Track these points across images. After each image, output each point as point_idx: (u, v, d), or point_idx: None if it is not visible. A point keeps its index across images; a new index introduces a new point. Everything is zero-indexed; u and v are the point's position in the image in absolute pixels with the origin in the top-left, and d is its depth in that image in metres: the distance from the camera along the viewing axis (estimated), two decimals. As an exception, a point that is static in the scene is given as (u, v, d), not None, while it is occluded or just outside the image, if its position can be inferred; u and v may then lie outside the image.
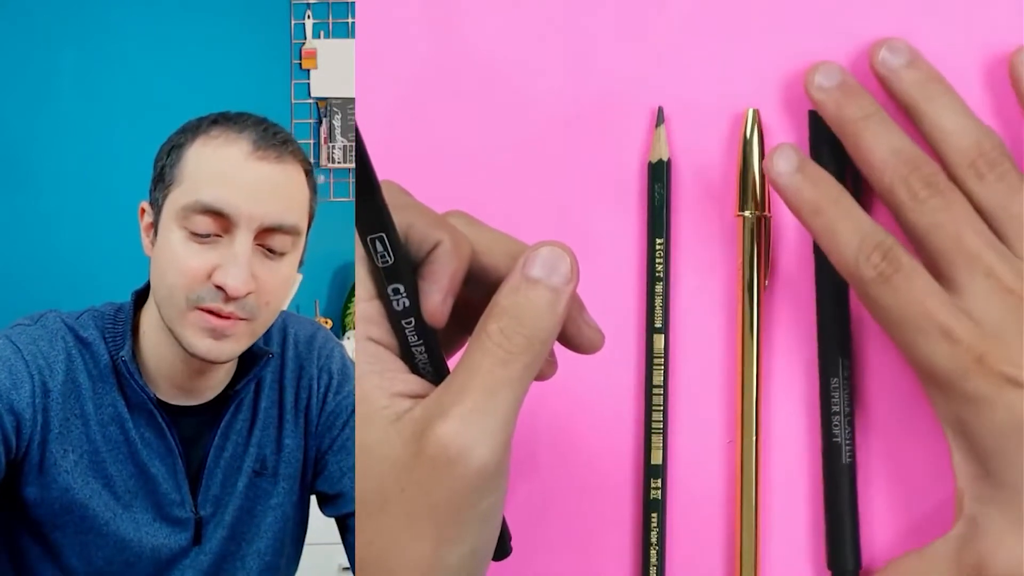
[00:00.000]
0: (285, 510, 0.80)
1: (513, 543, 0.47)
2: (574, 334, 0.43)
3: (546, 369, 0.43)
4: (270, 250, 0.69)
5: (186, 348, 0.69)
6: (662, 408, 0.50)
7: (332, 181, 2.11)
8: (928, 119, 0.48)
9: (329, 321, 2.05)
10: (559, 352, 0.44)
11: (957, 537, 0.45)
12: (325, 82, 2.12)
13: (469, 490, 0.39)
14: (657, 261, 0.51)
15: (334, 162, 2.12)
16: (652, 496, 0.50)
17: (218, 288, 0.67)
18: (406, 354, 0.41)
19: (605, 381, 0.52)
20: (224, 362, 0.72)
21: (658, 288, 0.51)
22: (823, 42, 0.51)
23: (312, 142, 2.11)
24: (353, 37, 2.13)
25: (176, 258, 0.68)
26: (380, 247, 0.39)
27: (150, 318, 0.73)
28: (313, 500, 0.83)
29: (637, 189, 0.52)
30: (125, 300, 0.76)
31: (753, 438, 0.50)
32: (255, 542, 0.79)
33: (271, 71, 2.11)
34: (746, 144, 0.51)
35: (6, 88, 2.06)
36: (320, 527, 0.87)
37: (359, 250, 0.40)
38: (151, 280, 0.72)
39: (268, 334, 0.78)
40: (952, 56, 0.50)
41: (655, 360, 0.51)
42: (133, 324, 0.74)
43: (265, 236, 0.68)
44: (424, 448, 0.38)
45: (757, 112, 0.51)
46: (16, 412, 0.69)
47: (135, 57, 2.08)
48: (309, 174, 0.72)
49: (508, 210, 0.52)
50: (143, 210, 0.73)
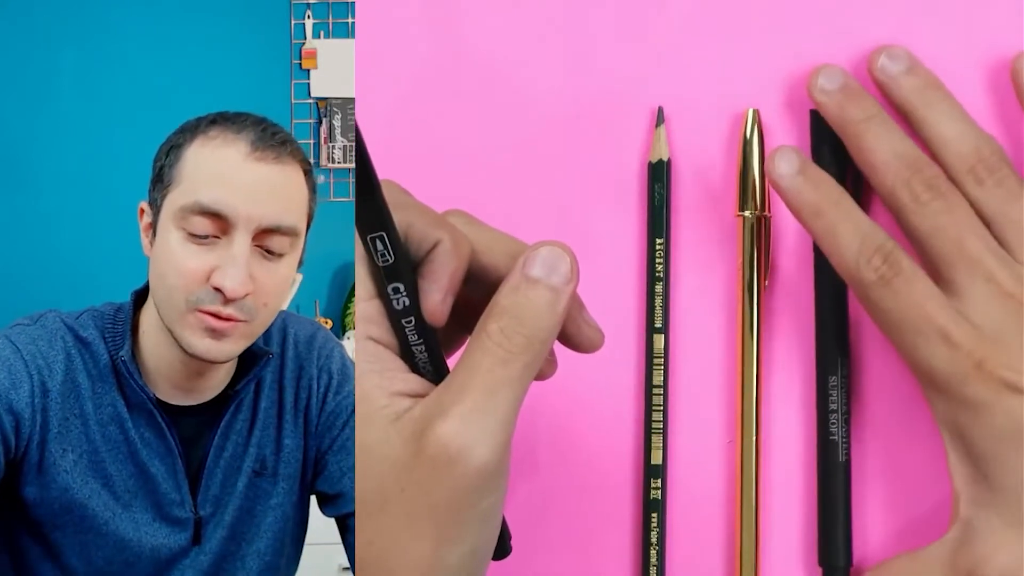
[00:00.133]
0: (285, 510, 0.80)
1: (513, 543, 0.47)
2: (574, 333, 0.43)
3: (546, 369, 0.43)
4: (268, 251, 0.68)
5: (185, 348, 0.69)
6: (662, 408, 0.50)
7: (332, 181, 2.11)
8: (927, 125, 0.48)
9: (329, 321, 2.04)
10: (559, 352, 0.44)
11: (952, 540, 0.45)
12: (325, 82, 2.12)
13: (469, 490, 0.39)
14: (657, 261, 0.51)
15: (334, 162, 2.11)
16: (652, 496, 0.50)
17: (216, 290, 0.66)
18: (406, 353, 0.41)
19: (605, 381, 0.52)
20: (223, 362, 0.72)
21: (658, 288, 0.51)
22: (823, 42, 0.51)
23: (312, 142, 2.11)
24: (353, 37, 2.13)
25: (174, 259, 0.67)
26: (380, 246, 0.39)
27: (149, 318, 0.73)
28: (313, 500, 0.83)
29: (637, 189, 0.52)
30: (125, 300, 0.76)
31: (753, 438, 0.50)
32: (255, 542, 0.79)
33: (271, 71, 2.11)
34: (746, 144, 0.51)
35: (6, 88, 2.06)
36: (320, 527, 0.87)
37: (359, 250, 0.40)
38: (150, 281, 0.72)
39: (268, 334, 0.78)
40: (952, 60, 0.50)
41: (655, 360, 0.51)
42: (133, 324, 0.74)
43: (263, 237, 0.68)
44: (424, 448, 0.38)
45: (757, 112, 0.51)
46: (15, 412, 0.69)
47: (135, 57, 2.07)
48: (308, 174, 0.72)
49: (508, 210, 0.52)
50: (142, 210, 0.73)
